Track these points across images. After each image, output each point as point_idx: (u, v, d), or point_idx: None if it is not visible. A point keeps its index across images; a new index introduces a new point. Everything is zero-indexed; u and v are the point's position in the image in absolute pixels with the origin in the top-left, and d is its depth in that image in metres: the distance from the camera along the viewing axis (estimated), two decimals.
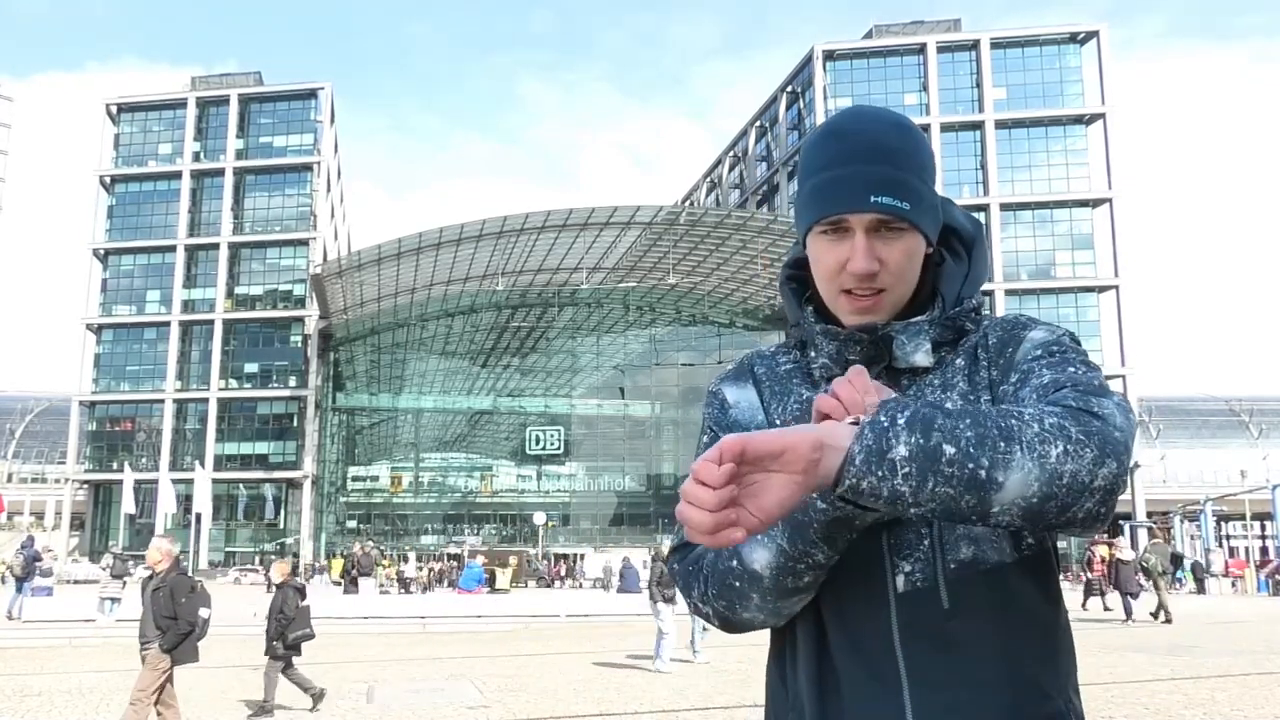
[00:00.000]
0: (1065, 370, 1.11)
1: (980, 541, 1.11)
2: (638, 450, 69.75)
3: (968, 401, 1.18)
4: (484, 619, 20.62)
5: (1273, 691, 9.09)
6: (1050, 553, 1.16)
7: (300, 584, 9.50)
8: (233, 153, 66.07)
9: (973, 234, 1.28)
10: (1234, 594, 37.40)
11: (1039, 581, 1.14)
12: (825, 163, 1.20)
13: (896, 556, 1.13)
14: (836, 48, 63.67)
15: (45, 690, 9.40)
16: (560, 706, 8.71)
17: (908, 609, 1.11)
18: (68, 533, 64.47)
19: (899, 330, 1.20)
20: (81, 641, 15.52)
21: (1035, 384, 1.11)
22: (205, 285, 65.22)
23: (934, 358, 1.21)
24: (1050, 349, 1.17)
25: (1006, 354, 1.19)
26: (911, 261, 1.20)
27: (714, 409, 1.33)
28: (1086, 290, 59.76)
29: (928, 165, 1.22)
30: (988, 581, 1.10)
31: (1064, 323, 13.66)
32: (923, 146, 1.23)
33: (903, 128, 1.21)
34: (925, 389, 1.21)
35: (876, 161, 1.17)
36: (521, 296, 64.28)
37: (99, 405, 64.89)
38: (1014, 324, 1.23)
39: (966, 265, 1.27)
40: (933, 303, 1.24)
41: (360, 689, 9.71)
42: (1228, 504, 53.42)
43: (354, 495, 69.29)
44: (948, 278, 1.25)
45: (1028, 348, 1.19)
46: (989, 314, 1.28)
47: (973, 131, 61.85)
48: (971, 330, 1.24)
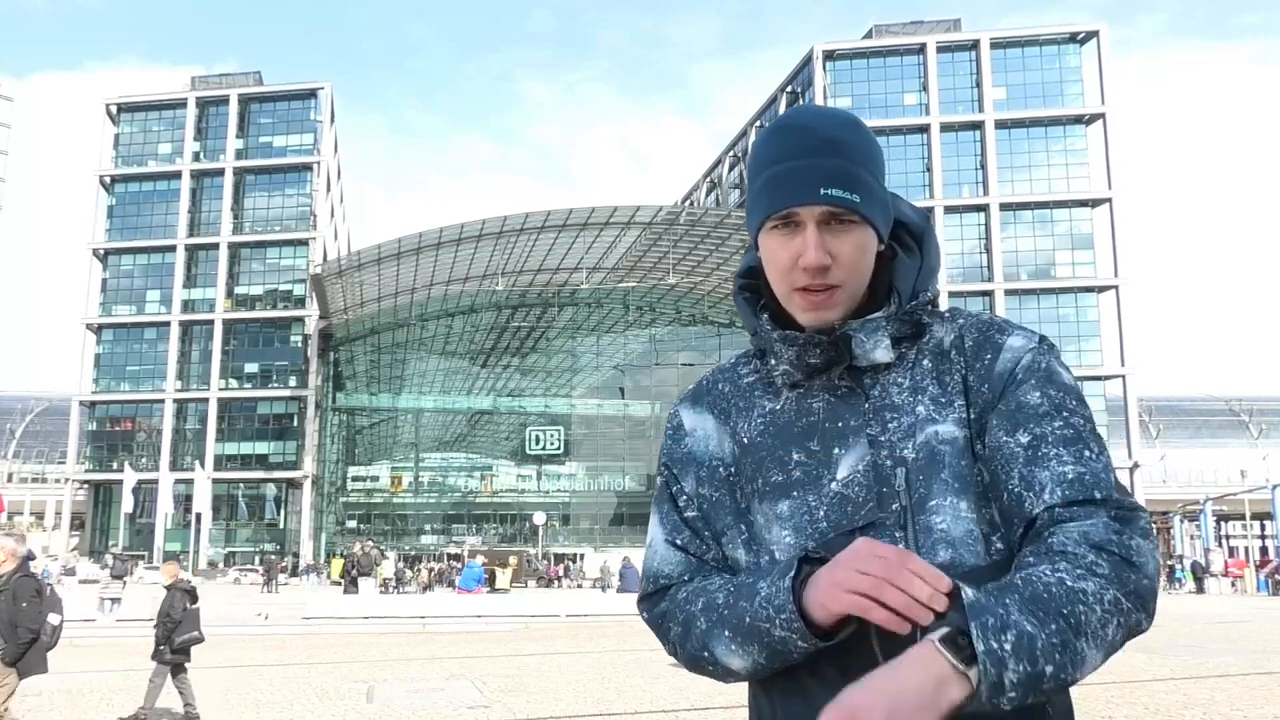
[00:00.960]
0: (1076, 446, 1.11)
1: (958, 544, 1.12)
2: (638, 450, 69.74)
3: (938, 406, 1.17)
4: (484, 619, 20.62)
5: (1273, 691, 9.09)
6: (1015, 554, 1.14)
7: (190, 586, 8.99)
8: (233, 153, 66.06)
9: (922, 226, 1.27)
10: (1234, 594, 37.39)
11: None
12: (776, 157, 1.19)
13: None
14: (836, 48, 63.67)
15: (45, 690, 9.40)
16: (560, 706, 8.70)
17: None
18: (68, 533, 64.49)
19: (856, 329, 1.18)
20: (81, 641, 15.52)
21: (1052, 469, 1.09)
22: (205, 285, 65.22)
23: (894, 353, 1.20)
24: (1037, 376, 1.16)
25: (985, 360, 1.18)
26: (863, 255, 1.19)
27: (668, 439, 1.33)
28: (1086, 290, 59.75)
29: (877, 161, 1.23)
30: (966, 581, 1.06)
31: (1064, 323, 13.73)
32: (873, 143, 1.23)
33: (853, 124, 1.22)
34: (891, 389, 1.19)
35: (827, 155, 1.17)
36: (521, 296, 64.27)
37: (99, 405, 64.89)
38: (989, 325, 1.22)
39: (919, 258, 1.25)
40: (888, 298, 1.22)
41: (360, 689, 9.70)
42: (1227, 504, 53.43)
43: (354, 495, 69.27)
44: (901, 272, 1.23)
45: (1008, 361, 1.18)
46: (951, 309, 1.27)
47: (972, 131, 61.84)
48: (931, 324, 1.23)
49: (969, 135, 62.02)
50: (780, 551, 1.18)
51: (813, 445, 1.19)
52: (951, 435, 1.15)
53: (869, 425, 1.18)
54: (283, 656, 13.37)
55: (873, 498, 1.15)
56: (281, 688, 9.90)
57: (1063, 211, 60.79)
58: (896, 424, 1.17)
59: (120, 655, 13.47)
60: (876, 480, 1.15)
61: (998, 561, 1.12)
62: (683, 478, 1.29)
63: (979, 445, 1.15)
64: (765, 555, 1.20)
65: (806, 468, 1.19)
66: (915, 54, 62.82)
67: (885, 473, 1.15)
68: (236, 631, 17.66)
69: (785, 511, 1.18)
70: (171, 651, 8.46)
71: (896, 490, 1.14)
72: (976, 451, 1.15)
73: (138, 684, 10.24)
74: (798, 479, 1.19)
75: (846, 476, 1.16)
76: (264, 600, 28.75)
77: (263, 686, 10.02)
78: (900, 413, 1.18)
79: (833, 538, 1.14)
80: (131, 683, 10.38)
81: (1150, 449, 66.04)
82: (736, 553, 1.23)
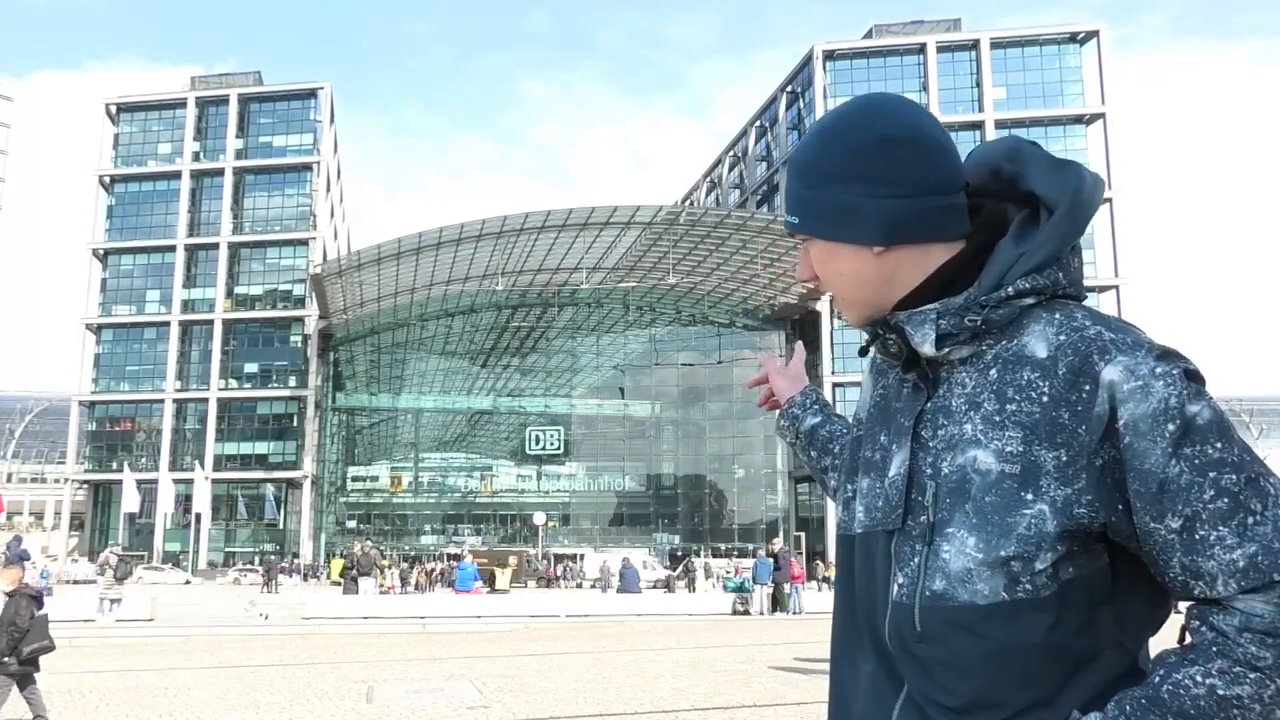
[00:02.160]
0: (1236, 517, 0.97)
1: (953, 579, 1.07)
2: (638, 450, 69.75)
3: (988, 427, 1.07)
4: (484, 619, 20.63)
5: None
6: (1071, 595, 1.06)
7: (36, 591, 8.42)
8: (232, 153, 66.08)
9: (1055, 202, 1.13)
10: None
11: (1035, 621, 1.05)
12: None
13: (896, 565, 1.13)
14: (836, 47, 63.69)
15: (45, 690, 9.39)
16: (560, 706, 8.70)
17: (895, 618, 1.12)
18: (67, 533, 64.52)
19: (904, 320, 1.14)
20: (81, 641, 15.51)
21: (1218, 558, 0.98)
22: (205, 285, 65.25)
23: (948, 348, 1.12)
24: (1161, 429, 0.99)
25: (1081, 394, 1.03)
26: (830, 265, 1.20)
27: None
28: (1087, 290, 59.64)
29: (834, 169, 1.17)
30: (962, 616, 1.07)
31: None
32: (839, 150, 1.17)
33: (828, 133, 1.19)
34: (955, 389, 1.13)
35: (787, 179, 1.24)
36: (521, 296, 64.29)
37: (99, 405, 64.90)
38: (1090, 346, 1.05)
39: (1020, 245, 1.13)
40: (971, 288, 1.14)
41: (360, 689, 9.70)
42: None
43: (354, 495, 69.30)
44: (996, 258, 1.13)
45: (1107, 401, 1.02)
46: (1066, 310, 1.11)
47: (973, 131, 61.82)
48: (1026, 323, 1.11)
49: (969, 135, 61.98)
50: (854, 523, 1.23)
51: (889, 432, 1.21)
52: (987, 467, 1.06)
53: (923, 426, 1.15)
54: (282, 656, 13.38)
55: (902, 505, 1.14)
56: (281, 688, 9.89)
57: None
58: (944, 432, 1.12)
59: (120, 655, 13.48)
60: (909, 488, 1.13)
61: (1011, 603, 1.05)
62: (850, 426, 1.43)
63: (1056, 489, 1.04)
64: (848, 517, 1.26)
65: (883, 451, 1.21)
66: (915, 54, 62.85)
67: (921, 481, 1.12)
68: (236, 631, 17.66)
69: (864, 489, 1.22)
70: (19, 662, 7.83)
71: (925, 504, 1.11)
72: (1051, 498, 1.04)
73: (138, 684, 10.25)
74: (875, 460, 1.21)
75: (893, 475, 1.16)
76: (265, 601, 28.75)
77: (262, 687, 10.02)
78: (951, 420, 1.12)
79: (879, 532, 1.16)
80: (131, 683, 10.38)
81: None
82: (840, 511, 1.29)
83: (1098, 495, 1.02)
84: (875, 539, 1.17)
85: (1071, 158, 1.22)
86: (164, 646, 14.90)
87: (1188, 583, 1.01)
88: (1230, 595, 0.98)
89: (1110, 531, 1.05)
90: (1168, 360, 1.02)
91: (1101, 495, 1.02)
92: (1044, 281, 1.10)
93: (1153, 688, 0.99)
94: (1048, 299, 1.11)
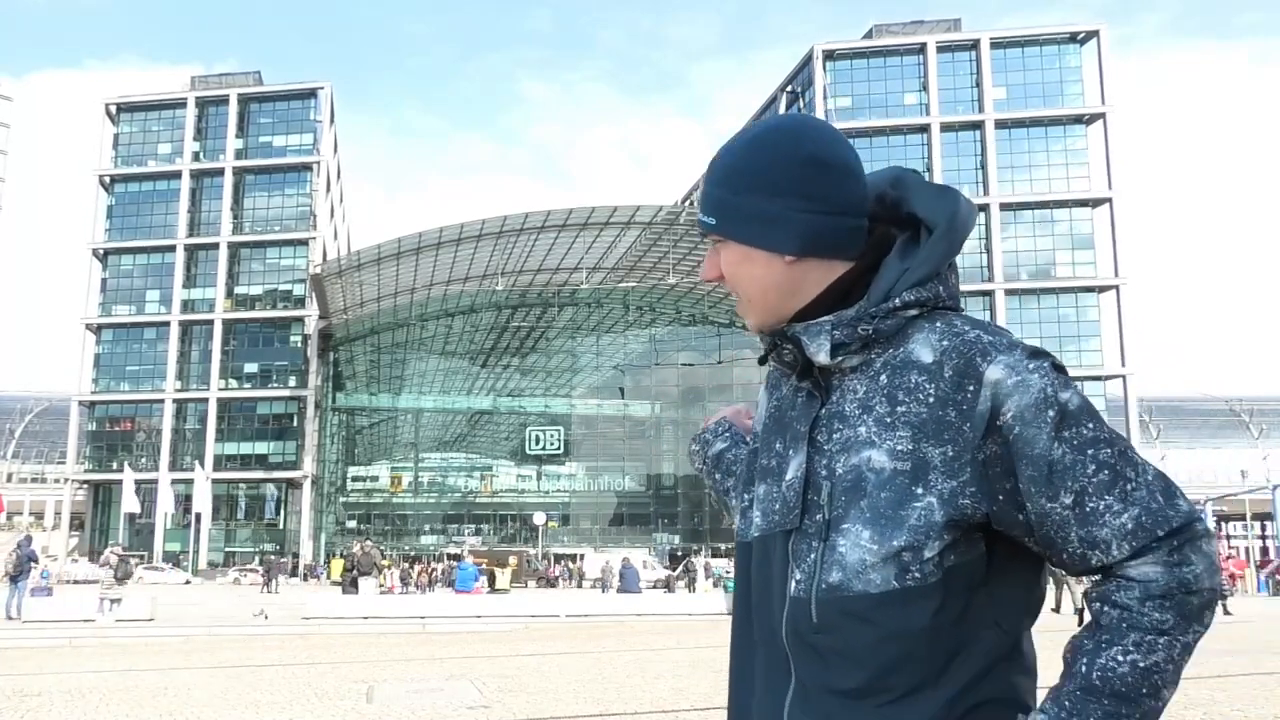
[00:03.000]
0: (1118, 485, 1.09)
1: (848, 570, 1.15)
2: (638, 450, 69.78)
3: (880, 429, 1.16)
4: (484, 619, 20.64)
5: (1273, 691, 9.09)
6: (954, 581, 1.15)
7: None
8: (232, 153, 66.10)
9: (934, 222, 1.21)
10: (1234, 594, 37.41)
11: (922, 608, 1.13)
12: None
13: (794, 562, 1.20)
14: (836, 47, 63.69)
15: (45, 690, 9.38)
16: (560, 706, 8.70)
17: (792, 613, 1.19)
18: (67, 533, 64.52)
19: (801, 331, 1.23)
20: (81, 641, 15.51)
21: (1109, 524, 1.09)
22: (205, 285, 65.27)
23: (840, 358, 1.20)
24: (1043, 418, 1.10)
25: (966, 394, 1.13)
26: (739, 268, 1.26)
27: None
28: (1086, 290, 59.78)
29: (754, 178, 1.22)
30: (856, 605, 1.15)
31: (1064, 323, 13.65)
32: (767, 161, 1.22)
33: (756, 144, 1.23)
34: (847, 395, 1.21)
35: (707, 183, 1.27)
36: (521, 296, 64.31)
37: (99, 405, 64.91)
38: (971, 349, 1.14)
39: (903, 261, 1.22)
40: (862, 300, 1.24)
41: (360, 689, 9.70)
42: (1228, 504, 53.45)
43: (354, 495, 69.32)
44: (883, 273, 1.22)
45: (989, 399, 1.12)
46: (945, 319, 1.20)
47: (973, 131, 61.87)
48: (910, 332, 1.19)
49: (969, 135, 62.06)
50: (752, 529, 1.30)
51: (786, 439, 1.28)
52: (881, 465, 1.15)
53: (818, 430, 1.23)
54: (282, 656, 13.37)
55: (798, 506, 1.21)
56: (281, 688, 9.90)
57: (1063, 211, 60.84)
58: (839, 435, 1.20)
59: (120, 655, 13.47)
60: (805, 489, 1.21)
61: (901, 590, 1.13)
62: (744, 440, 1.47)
63: (942, 482, 1.13)
64: (745, 524, 1.33)
65: (780, 459, 1.28)
66: (915, 54, 62.85)
67: (817, 482, 1.20)
68: (236, 631, 17.66)
69: (761, 495, 1.30)
70: None
71: (821, 503, 1.19)
72: (939, 491, 1.13)
73: (138, 684, 10.25)
74: (771, 467, 1.29)
75: (790, 479, 1.24)
76: (265, 601, 28.76)
77: (262, 687, 10.02)
78: (846, 424, 1.20)
79: (777, 534, 1.24)
80: (131, 683, 10.38)
81: (1150, 449, 66.05)
82: (737, 519, 1.37)
83: (980, 487, 1.12)
84: (773, 540, 1.24)
85: (1072, 157, 1.33)
86: (164, 646, 14.90)
87: (1085, 554, 1.11)
88: (1124, 558, 1.09)
89: (993, 520, 1.14)
90: (1038, 357, 1.13)
91: (984, 487, 1.12)
92: (926, 294, 1.19)
93: (1083, 678, 1.09)
94: (929, 310, 1.19)
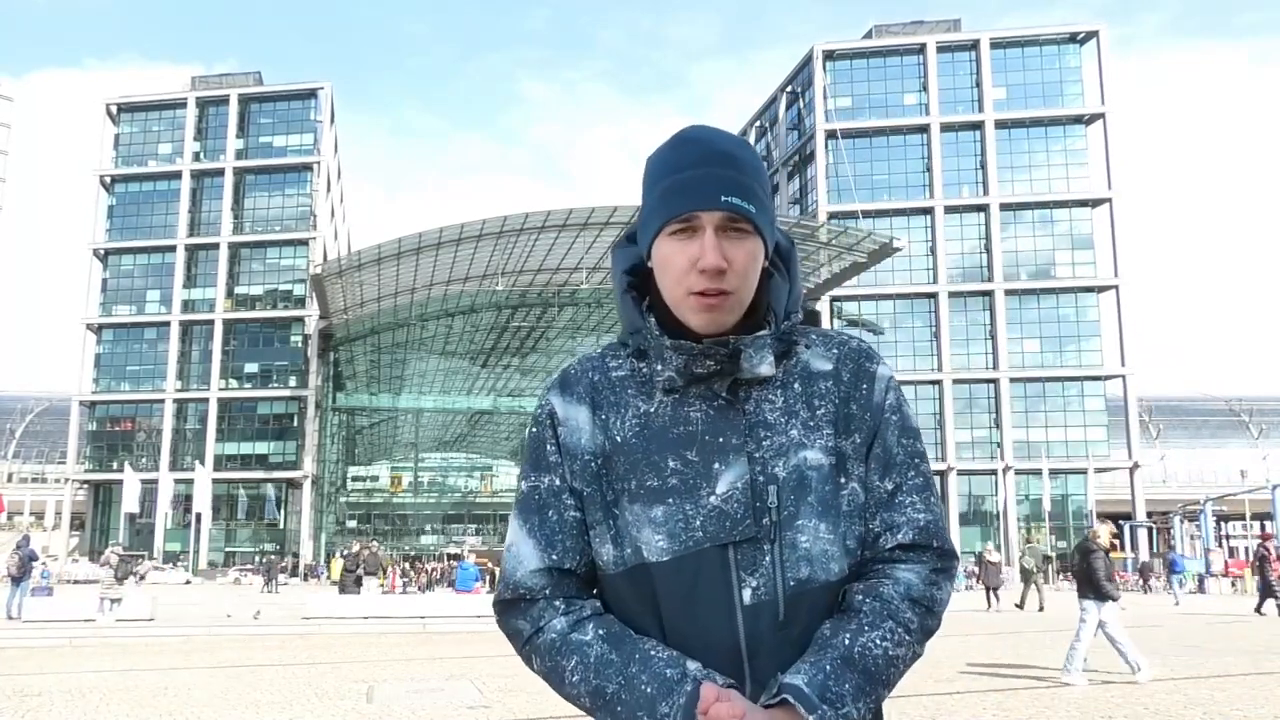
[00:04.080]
0: (925, 494, 1.29)
1: (815, 562, 1.23)
2: None
3: (808, 431, 1.26)
4: (484, 619, 20.62)
5: (1273, 691, 9.09)
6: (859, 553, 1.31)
7: None
8: (233, 153, 66.07)
9: (788, 249, 1.32)
10: (1234, 594, 37.42)
11: (850, 582, 1.27)
12: (677, 166, 1.24)
13: (743, 572, 1.22)
14: (836, 47, 63.66)
15: (45, 690, 9.39)
16: (560, 707, 8.70)
17: (751, 620, 1.21)
18: (68, 533, 64.47)
19: (747, 344, 1.24)
20: (81, 641, 15.52)
21: (908, 515, 1.27)
22: (205, 285, 65.23)
23: (774, 369, 1.28)
24: (895, 421, 1.31)
25: (863, 390, 1.31)
26: (754, 264, 1.24)
27: (543, 429, 1.33)
28: (1086, 290, 59.75)
29: (766, 182, 1.28)
30: (818, 594, 1.23)
31: (1064, 323, 13.70)
32: (762, 166, 1.29)
33: (746, 145, 1.28)
34: (764, 405, 1.27)
35: (726, 166, 1.22)
36: (521, 296, 64.28)
37: (99, 405, 64.89)
38: (860, 354, 1.33)
39: (788, 281, 1.31)
40: (766, 316, 1.29)
41: (360, 689, 9.70)
42: (1228, 504, 53.45)
43: (354, 495, 69.33)
44: (776, 293, 1.30)
45: (880, 392, 1.31)
46: (814, 331, 1.36)
47: (972, 131, 61.82)
48: (800, 345, 1.32)
49: (969, 135, 62.01)
50: (650, 552, 1.23)
51: (690, 455, 1.24)
52: (818, 462, 1.25)
53: (747, 442, 1.24)
54: (283, 656, 13.37)
55: (749, 515, 1.22)
56: (281, 688, 9.90)
57: (1063, 211, 60.80)
58: (770, 442, 1.25)
59: (120, 655, 13.47)
60: (753, 497, 1.23)
61: (845, 575, 1.26)
62: (558, 472, 1.30)
63: (857, 467, 1.29)
64: (630, 549, 1.25)
65: (684, 476, 1.24)
66: (915, 54, 62.81)
67: (760, 489, 1.23)
68: (236, 631, 17.66)
69: (659, 517, 1.23)
70: None
71: (769, 506, 1.22)
72: (857, 475, 1.29)
73: (138, 684, 10.25)
74: (674, 486, 1.24)
75: (725, 492, 1.23)
76: (265, 601, 28.75)
77: (262, 686, 10.02)
78: (774, 431, 1.26)
79: (709, 549, 1.22)
80: (131, 683, 10.38)
81: (1150, 449, 66.03)
82: (604, 547, 1.27)
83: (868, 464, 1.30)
84: (705, 557, 1.22)
85: (1072, 157, 1.39)
86: (164, 646, 14.90)
87: (879, 534, 1.27)
88: (902, 545, 1.26)
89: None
90: (888, 368, 1.35)
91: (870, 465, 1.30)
92: (803, 310, 1.34)
93: (844, 650, 1.18)
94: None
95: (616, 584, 1.27)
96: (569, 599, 1.27)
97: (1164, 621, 19.46)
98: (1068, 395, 58.56)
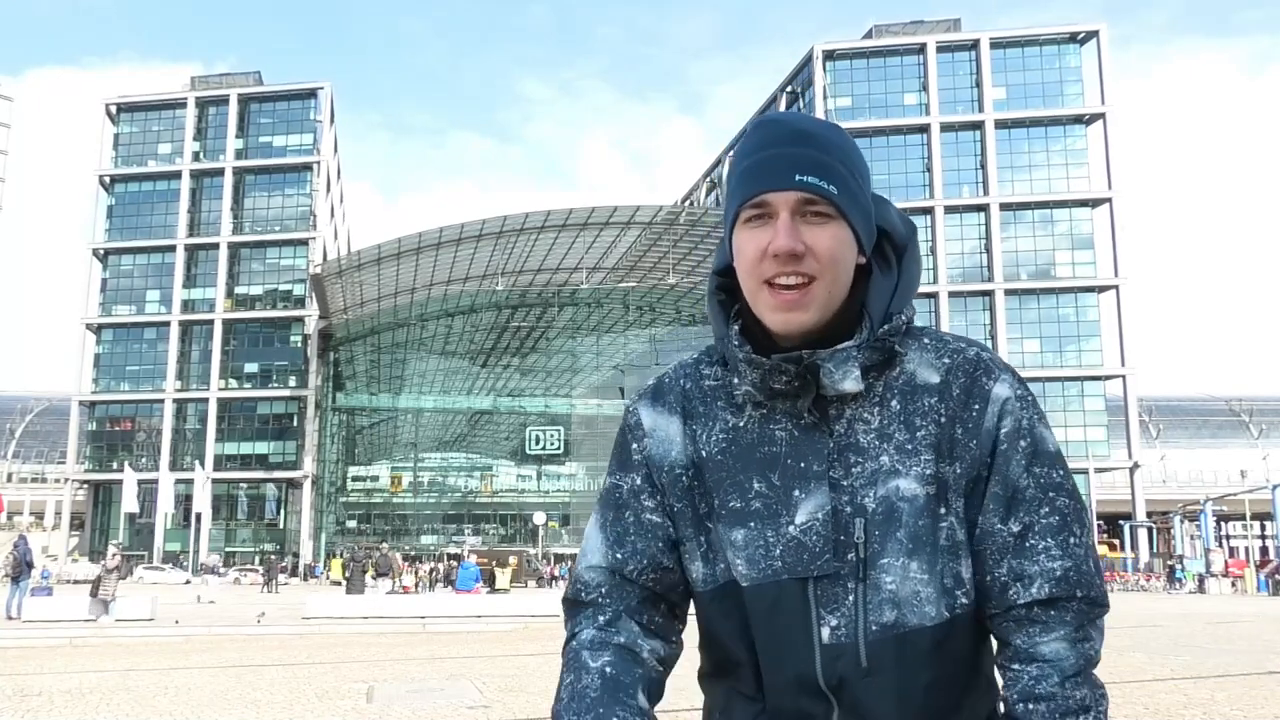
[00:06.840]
0: (1062, 535, 1.11)
1: (903, 605, 1.10)
2: None
3: (903, 456, 1.11)
4: (484, 619, 20.60)
5: (1273, 691, 9.08)
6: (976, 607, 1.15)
7: None
8: (232, 153, 66.10)
9: (905, 237, 1.17)
10: (1234, 594, 37.43)
11: (964, 635, 1.13)
12: (751, 150, 1.12)
13: (823, 609, 1.11)
14: (836, 47, 63.68)
15: (45, 690, 9.38)
16: None
17: (829, 660, 1.11)
18: (67, 533, 64.48)
19: (825, 358, 1.10)
20: (81, 641, 15.51)
21: (1041, 565, 1.10)
22: (205, 285, 65.27)
23: (864, 384, 1.12)
24: (1024, 449, 1.12)
25: (973, 411, 1.12)
26: (841, 250, 1.09)
27: (629, 438, 1.25)
28: (1086, 290, 59.77)
29: (858, 163, 1.14)
30: (909, 641, 1.10)
31: (1064, 323, 13.74)
32: (855, 147, 1.15)
33: (835, 126, 1.16)
34: (857, 426, 1.13)
35: (801, 144, 1.10)
36: (521, 296, 64.31)
37: (99, 405, 64.91)
38: (976, 367, 1.14)
39: (895, 274, 1.15)
40: (860, 321, 1.13)
41: (360, 689, 9.70)
42: (1228, 504, 53.45)
43: (354, 495, 69.31)
44: (876, 291, 1.13)
45: (994, 415, 1.12)
46: (929, 335, 1.18)
47: (972, 131, 61.85)
48: (904, 354, 1.15)
49: (969, 135, 62.04)
50: (738, 575, 1.15)
51: (774, 478, 1.14)
52: (912, 493, 1.11)
53: (832, 468, 1.13)
54: (283, 656, 13.37)
55: (829, 549, 1.11)
56: (281, 688, 9.89)
57: (1063, 211, 60.82)
58: (860, 469, 1.12)
59: (120, 655, 13.47)
60: (835, 529, 1.11)
61: (950, 619, 1.11)
62: (641, 472, 1.23)
63: (957, 500, 1.12)
64: (721, 565, 1.17)
65: (766, 500, 1.14)
66: (915, 54, 62.84)
67: (844, 521, 1.11)
68: (236, 631, 17.65)
69: (739, 540, 1.15)
70: None
71: (855, 541, 1.11)
72: (955, 509, 1.12)
73: (138, 684, 10.24)
74: (756, 510, 1.15)
75: (805, 522, 1.12)
76: (265, 601, 28.76)
77: (262, 686, 10.01)
78: (865, 457, 1.12)
79: (786, 581, 1.12)
80: (131, 683, 10.37)
81: (1150, 449, 66.05)
82: (694, 564, 1.20)
83: (974, 500, 1.12)
84: (783, 588, 1.12)
85: (1072, 157, 1.28)
86: (164, 646, 14.90)
87: (1007, 585, 1.10)
88: (1041, 599, 1.09)
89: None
90: (1022, 383, 1.15)
91: (975, 501, 1.12)
92: (911, 312, 1.16)
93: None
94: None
95: (708, 604, 1.19)
96: (617, 612, 1.20)
97: (1165, 622, 19.46)
98: (1068, 395, 58.57)
